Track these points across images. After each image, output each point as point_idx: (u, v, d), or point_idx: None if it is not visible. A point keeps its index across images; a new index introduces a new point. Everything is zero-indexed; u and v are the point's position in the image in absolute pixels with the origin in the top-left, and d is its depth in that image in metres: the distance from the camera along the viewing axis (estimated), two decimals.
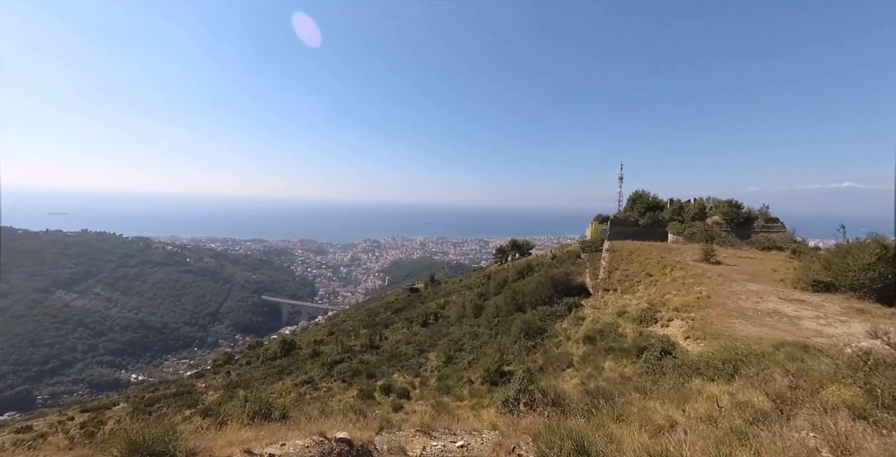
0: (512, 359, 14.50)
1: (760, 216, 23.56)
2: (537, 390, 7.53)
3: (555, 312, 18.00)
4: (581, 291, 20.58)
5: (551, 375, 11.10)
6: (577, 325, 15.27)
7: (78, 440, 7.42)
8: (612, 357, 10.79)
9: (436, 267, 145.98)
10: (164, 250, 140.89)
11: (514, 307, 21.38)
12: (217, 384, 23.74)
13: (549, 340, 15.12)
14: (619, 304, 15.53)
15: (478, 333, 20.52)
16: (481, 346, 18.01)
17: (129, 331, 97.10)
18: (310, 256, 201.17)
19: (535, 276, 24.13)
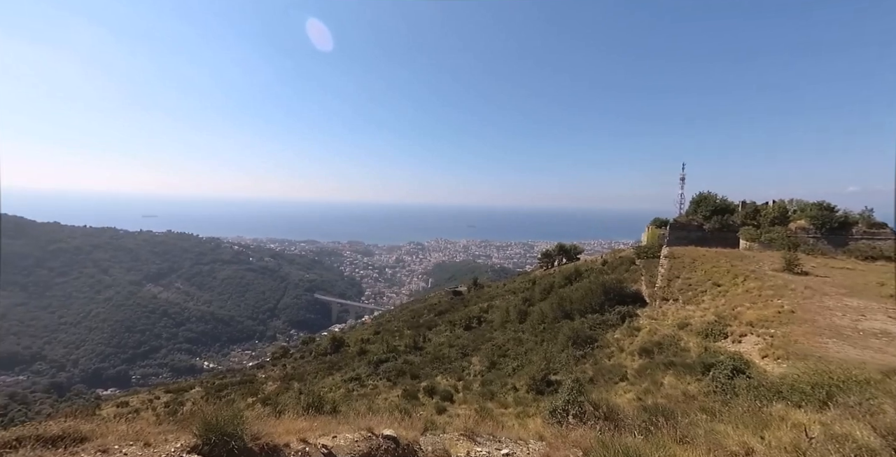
0: (559, 368, 13.92)
1: (862, 221, 20.35)
2: (588, 402, 7.13)
3: (606, 321, 17.02)
4: (635, 300, 19.26)
5: (602, 387, 10.47)
6: (631, 336, 14.30)
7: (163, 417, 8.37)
8: (673, 373, 9.93)
9: (479, 270, 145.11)
10: (231, 250, 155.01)
11: (560, 314, 20.55)
12: (275, 376, 25.45)
13: (599, 351, 14.31)
14: (680, 315, 14.29)
15: (522, 339, 20.00)
16: (526, 353, 17.52)
17: (202, 322, 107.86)
18: (357, 257, 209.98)
19: (584, 282, 23.02)
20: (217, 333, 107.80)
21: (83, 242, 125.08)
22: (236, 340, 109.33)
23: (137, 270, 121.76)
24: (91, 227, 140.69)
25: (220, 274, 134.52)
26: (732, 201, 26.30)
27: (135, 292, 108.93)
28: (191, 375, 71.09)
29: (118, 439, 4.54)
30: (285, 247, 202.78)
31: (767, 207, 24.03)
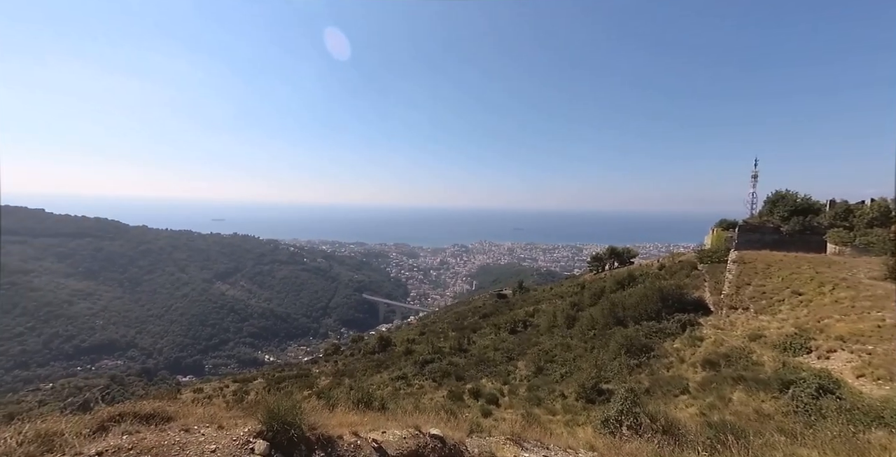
0: (611, 377, 13.19)
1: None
2: (644, 414, 6.69)
3: (663, 330, 15.82)
4: (697, 308, 17.68)
5: (660, 399, 9.74)
6: (693, 346, 13.15)
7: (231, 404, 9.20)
8: (744, 388, 8.98)
9: (524, 273, 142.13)
10: (288, 251, 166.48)
11: (612, 320, 19.46)
12: (328, 371, 26.87)
13: (656, 361, 13.33)
14: (751, 326, 12.89)
15: (571, 345, 19.23)
16: (574, 359, 16.81)
17: (263, 318, 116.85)
18: (403, 258, 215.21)
19: (639, 287, 21.61)
20: (276, 329, 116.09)
21: (165, 243, 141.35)
22: (293, 336, 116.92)
23: (208, 268, 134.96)
24: (171, 229, 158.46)
25: (278, 273, 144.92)
26: (818, 200, 23.23)
27: (206, 289, 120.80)
28: (253, 367, 77.16)
29: (197, 421, 5.09)
30: (336, 248, 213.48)
31: (864, 206, 20.85)
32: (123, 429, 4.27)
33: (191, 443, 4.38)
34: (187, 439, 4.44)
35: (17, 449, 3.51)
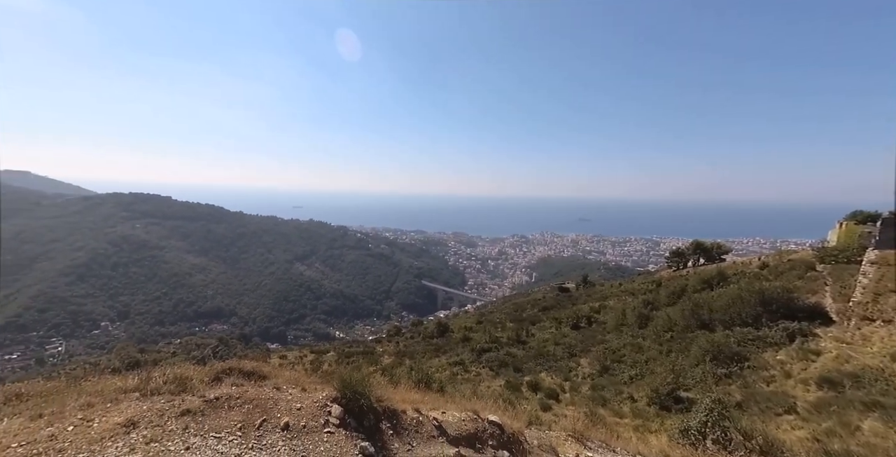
0: (691, 384, 11.95)
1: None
2: (735, 429, 5.95)
3: (763, 338, 13.77)
4: (813, 316, 14.94)
5: (757, 416, 8.57)
6: (804, 359, 11.25)
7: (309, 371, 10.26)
8: (880, 416, 7.47)
9: (589, 267, 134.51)
10: (355, 237, 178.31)
11: (695, 323, 17.52)
12: (390, 351, 28.53)
13: (752, 372, 11.70)
14: (894, 342, 10.61)
15: (642, 346, 17.81)
16: (647, 361, 15.56)
17: (334, 298, 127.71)
18: (461, 247, 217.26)
19: (732, 288, 19.04)
20: (345, 308, 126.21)
21: (256, 227, 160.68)
22: (359, 315, 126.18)
23: (290, 251, 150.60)
24: (261, 215, 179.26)
25: (347, 258, 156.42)
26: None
27: (288, 269, 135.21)
28: (326, 341, 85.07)
29: (285, 382, 5.77)
30: (398, 236, 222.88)
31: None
32: (232, 381, 5.07)
33: (281, 400, 4.99)
34: (279, 396, 5.07)
35: (163, 387, 4.64)
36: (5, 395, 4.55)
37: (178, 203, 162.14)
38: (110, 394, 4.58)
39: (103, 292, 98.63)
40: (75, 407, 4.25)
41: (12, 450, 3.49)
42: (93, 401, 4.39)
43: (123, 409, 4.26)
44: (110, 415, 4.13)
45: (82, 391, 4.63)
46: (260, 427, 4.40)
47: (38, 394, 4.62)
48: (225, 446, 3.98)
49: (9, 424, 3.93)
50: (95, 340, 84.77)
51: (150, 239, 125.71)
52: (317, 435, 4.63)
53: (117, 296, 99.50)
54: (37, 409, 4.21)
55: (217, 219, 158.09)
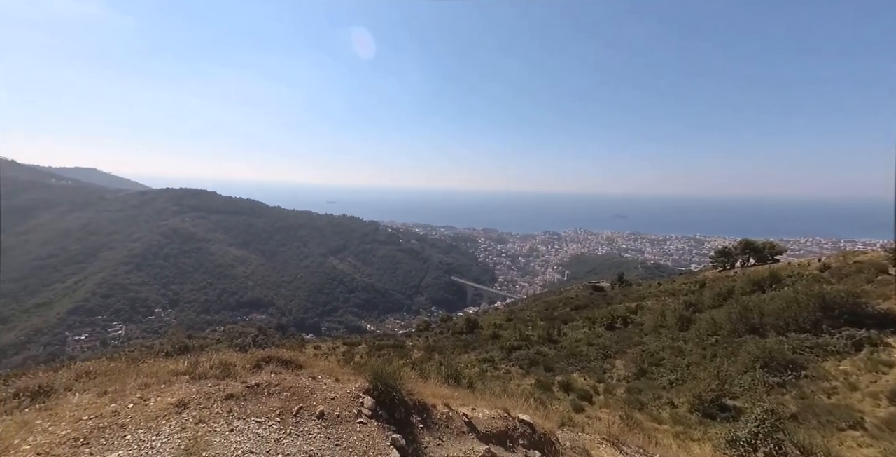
0: (739, 392, 11.16)
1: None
2: (791, 442, 5.47)
3: (823, 346, 12.58)
4: (884, 323, 13.44)
5: (815, 430, 7.85)
6: (874, 371, 10.17)
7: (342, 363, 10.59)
8: None
9: (625, 266, 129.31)
10: (386, 232, 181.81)
11: (744, 327, 16.34)
12: (419, 345, 28.90)
13: (810, 383, 10.72)
14: None
15: (683, 349, 16.87)
16: (688, 366, 14.72)
17: (366, 291, 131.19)
18: (491, 244, 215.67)
19: (787, 291, 17.55)
20: (376, 302, 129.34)
21: (293, 221, 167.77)
22: (390, 309, 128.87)
23: (324, 245, 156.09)
24: (297, 210, 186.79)
25: (378, 252, 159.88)
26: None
27: (322, 263, 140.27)
28: (358, 333, 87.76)
29: (320, 372, 5.95)
30: (428, 231, 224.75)
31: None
32: (271, 369, 5.30)
33: (317, 389, 5.15)
34: (314, 385, 5.23)
35: (210, 371, 4.94)
36: (77, 372, 5.01)
37: (223, 198, 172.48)
38: (164, 376, 4.93)
39: (157, 281, 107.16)
40: (134, 386, 4.61)
41: (83, 422, 3.83)
42: (149, 381, 4.74)
43: (175, 390, 4.56)
44: (164, 395, 4.44)
45: (140, 372, 5.02)
46: (297, 414, 4.56)
47: (103, 373, 5.06)
48: (265, 431, 4.16)
49: (80, 398, 4.33)
50: (150, 325, 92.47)
51: (197, 232, 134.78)
52: (350, 425, 4.74)
53: (169, 285, 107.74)
54: (102, 386, 4.61)
55: (257, 213, 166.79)
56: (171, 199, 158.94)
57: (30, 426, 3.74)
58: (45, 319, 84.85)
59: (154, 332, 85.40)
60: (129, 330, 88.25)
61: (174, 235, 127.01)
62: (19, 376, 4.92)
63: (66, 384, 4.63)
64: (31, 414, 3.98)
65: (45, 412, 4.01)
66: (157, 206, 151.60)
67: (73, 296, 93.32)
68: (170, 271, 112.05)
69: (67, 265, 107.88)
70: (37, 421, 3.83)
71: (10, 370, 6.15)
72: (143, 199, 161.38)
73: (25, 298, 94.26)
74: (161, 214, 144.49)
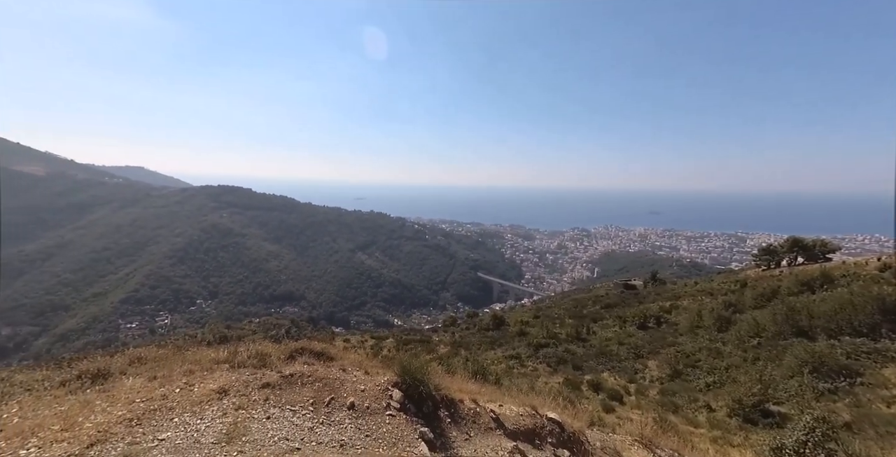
0: (784, 398, 10.46)
1: None
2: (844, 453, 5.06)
3: (882, 351, 11.55)
4: None
5: (872, 441, 7.24)
6: None
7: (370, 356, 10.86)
8: None
9: (659, 264, 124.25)
10: (413, 228, 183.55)
11: (790, 330, 15.27)
12: (446, 340, 29.11)
13: (867, 390, 9.89)
14: None
15: (722, 351, 16.01)
16: (727, 368, 13.95)
17: (393, 286, 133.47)
18: (518, 240, 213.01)
19: (840, 292, 16.24)
20: (403, 297, 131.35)
21: (323, 217, 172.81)
22: (416, 305, 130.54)
23: (352, 240, 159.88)
24: (327, 206, 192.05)
25: (405, 248, 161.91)
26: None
27: (350, 258, 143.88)
28: (385, 327, 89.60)
29: (350, 364, 6.11)
30: (454, 227, 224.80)
31: None
32: (304, 360, 5.49)
33: (347, 380, 5.29)
34: (345, 377, 5.37)
35: (247, 360, 5.16)
36: (130, 358, 5.41)
37: (258, 194, 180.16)
38: (206, 364, 5.23)
39: (198, 274, 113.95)
40: (180, 373, 4.92)
41: (136, 404, 4.14)
42: (193, 368, 5.05)
43: (217, 377, 4.83)
44: (206, 382, 4.71)
45: (185, 360, 5.35)
46: (329, 404, 4.71)
47: (152, 359, 5.44)
48: (299, 419, 4.33)
49: (133, 382, 4.67)
50: (192, 315, 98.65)
51: (234, 227, 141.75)
52: (379, 417, 4.83)
53: (209, 277, 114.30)
54: (152, 371, 4.95)
55: (289, 209, 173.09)
56: (210, 195, 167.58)
57: (91, 406, 4.08)
58: (101, 308, 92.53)
59: (196, 322, 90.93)
60: (174, 319, 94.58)
61: (213, 230, 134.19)
62: (81, 359, 5.37)
63: (121, 368, 5.01)
64: (92, 395, 4.34)
65: (103, 394, 4.36)
66: (197, 202, 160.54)
67: (124, 287, 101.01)
68: (209, 265, 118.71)
69: (119, 258, 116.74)
70: (97, 401, 4.17)
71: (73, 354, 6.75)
72: (185, 195, 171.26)
73: (84, 287, 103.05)
74: (201, 210, 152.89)
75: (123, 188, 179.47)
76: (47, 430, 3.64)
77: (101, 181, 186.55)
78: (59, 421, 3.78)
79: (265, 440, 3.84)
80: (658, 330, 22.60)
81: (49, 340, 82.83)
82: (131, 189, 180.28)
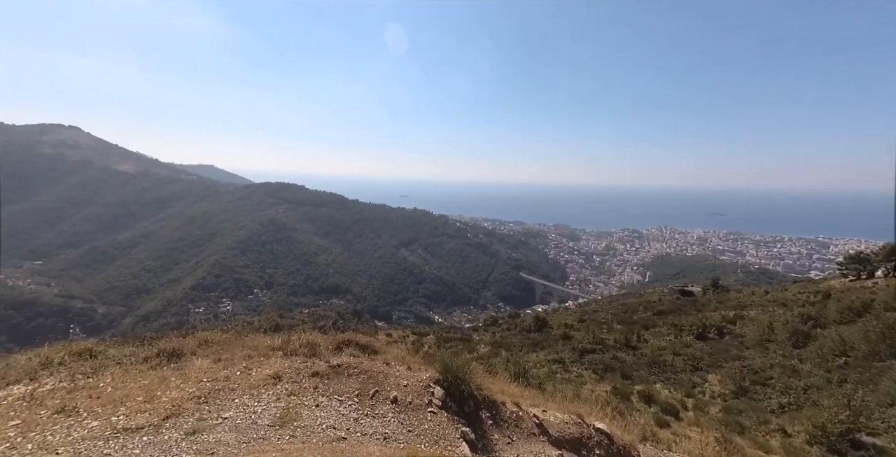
0: (882, 429, 9.03)
1: None
2: None
3: None
4: None
5: None
6: None
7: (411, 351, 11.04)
8: None
9: (722, 269, 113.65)
10: (455, 226, 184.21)
11: (888, 350, 13.18)
12: (486, 340, 28.87)
13: None
14: None
15: (799, 369, 14.23)
16: (806, 389, 12.35)
17: (434, 283, 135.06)
18: (562, 240, 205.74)
19: None
20: (444, 294, 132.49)
21: (369, 214, 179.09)
22: (457, 302, 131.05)
23: (396, 237, 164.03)
24: (372, 203, 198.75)
25: (447, 246, 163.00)
26: None
27: (394, 254, 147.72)
28: (426, 324, 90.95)
29: (393, 358, 6.19)
30: (496, 226, 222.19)
31: None
32: (350, 352, 5.66)
33: (391, 375, 5.37)
34: (388, 371, 5.45)
35: (299, 349, 5.43)
36: (199, 340, 5.92)
37: (310, 191, 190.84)
38: (263, 350, 5.57)
39: (256, 265, 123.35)
40: (241, 357, 5.30)
41: (203, 383, 4.50)
42: (251, 354, 5.41)
43: (272, 364, 5.13)
44: (263, 367, 5.02)
45: (245, 345, 5.75)
46: (373, 397, 4.80)
47: (217, 342, 5.91)
48: (346, 409, 4.45)
49: (201, 362, 5.10)
50: (250, 303, 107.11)
51: (288, 222, 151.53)
52: (421, 413, 4.84)
53: (265, 268, 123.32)
54: (217, 354, 5.38)
55: (338, 206, 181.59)
56: (269, 192, 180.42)
57: (167, 382, 4.52)
58: (174, 293, 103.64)
59: (253, 309, 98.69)
60: (235, 306, 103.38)
61: (270, 224, 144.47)
62: (159, 339, 5.96)
63: (192, 349, 5.49)
64: (168, 372, 4.81)
65: (177, 371, 4.81)
66: (257, 198, 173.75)
67: (194, 274, 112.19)
68: (266, 257, 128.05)
69: (191, 248, 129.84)
70: (172, 378, 4.62)
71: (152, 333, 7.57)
72: (247, 191, 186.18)
73: (162, 273, 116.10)
74: (260, 205, 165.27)
75: (196, 185, 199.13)
76: (133, 400, 4.08)
77: (179, 178, 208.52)
78: (142, 393, 4.23)
79: (314, 427, 4.00)
80: (720, 342, 20.66)
81: (133, 319, 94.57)
82: (203, 185, 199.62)
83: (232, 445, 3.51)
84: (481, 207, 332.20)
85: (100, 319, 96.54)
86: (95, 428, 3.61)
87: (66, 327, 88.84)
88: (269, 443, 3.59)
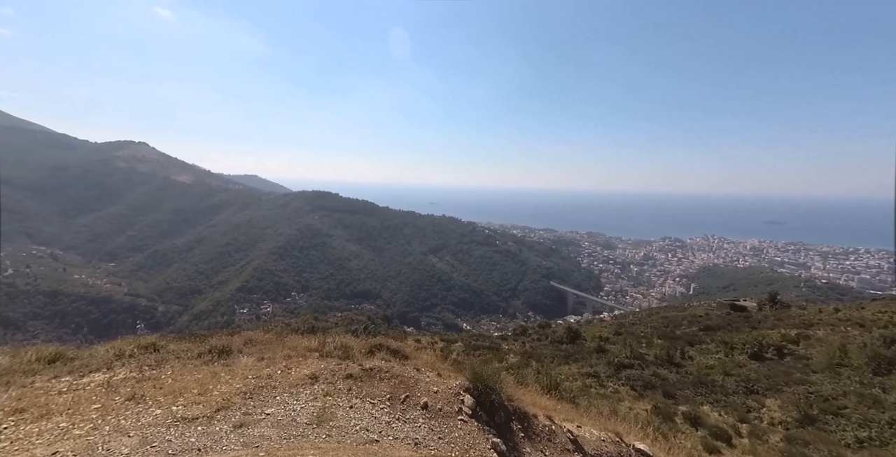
0: None
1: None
2: None
3: None
4: None
5: None
6: None
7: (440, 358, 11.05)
8: None
9: (780, 283, 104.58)
10: (483, 233, 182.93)
11: None
12: (516, 350, 28.17)
13: None
14: None
15: (881, 399, 12.65)
16: (891, 424, 10.94)
17: (462, 291, 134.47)
18: (596, 249, 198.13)
19: None
20: (472, 301, 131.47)
21: (399, 221, 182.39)
22: (485, 310, 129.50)
23: (425, 244, 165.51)
24: (402, 210, 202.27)
25: (475, 253, 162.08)
26: None
27: (423, 261, 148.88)
28: (454, 331, 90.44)
29: (423, 364, 6.22)
30: (526, 233, 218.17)
31: None
32: (382, 356, 5.77)
33: (421, 380, 5.39)
34: (419, 377, 5.49)
35: (334, 351, 5.62)
36: (245, 339, 6.29)
37: (343, 199, 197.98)
38: (301, 350, 5.81)
39: (293, 269, 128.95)
40: (281, 356, 5.55)
41: (249, 380, 4.77)
42: (291, 354, 5.65)
43: (309, 364, 5.33)
44: (301, 367, 5.23)
45: (285, 345, 6.03)
46: (404, 402, 4.84)
47: (261, 342, 6.24)
48: (378, 412, 4.52)
49: (247, 360, 5.41)
50: (287, 305, 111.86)
51: (323, 228, 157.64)
52: (451, 420, 4.81)
53: (301, 273, 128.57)
54: (260, 353, 5.67)
55: (369, 213, 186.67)
56: (306, 200, 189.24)
57: (218, 377, 4.83)
58: (222, 294, 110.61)
59: (290, 312, 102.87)
60: (274, 308, 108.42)
61: (306, 231, 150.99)
62: (210, 336, 6.38)
63: (238, 347, 5.84)
64: (218, 367, 5.14)
65: (226, 368, 5.14)
66: (295, 205, 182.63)
67: (239, 277, 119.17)
68: (303, 261, 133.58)
69: (238, 252, 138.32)
70: (222, 374, 4.93)
71: (204, 331, 8.16)
72: (286, 199, 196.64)
73: (213, 276, 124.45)
74: (298, 212, 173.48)
75: (242, 193, 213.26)
76: (189, 392, 4.42)
77: (227, 188, 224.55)
78: (197, 386, 4.56)
79: (348, 428, 4.10)
80: (779, 363, 18.85)
81: (188, 318, 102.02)
82: (247, 194, 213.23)
83: (274, 440, 3.68)
84: (511, 215, 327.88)
85: (160, 317, 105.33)
86: (158, 416, 3.96)
87: (133, 323, 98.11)
88: (308, 441, 3.72)
